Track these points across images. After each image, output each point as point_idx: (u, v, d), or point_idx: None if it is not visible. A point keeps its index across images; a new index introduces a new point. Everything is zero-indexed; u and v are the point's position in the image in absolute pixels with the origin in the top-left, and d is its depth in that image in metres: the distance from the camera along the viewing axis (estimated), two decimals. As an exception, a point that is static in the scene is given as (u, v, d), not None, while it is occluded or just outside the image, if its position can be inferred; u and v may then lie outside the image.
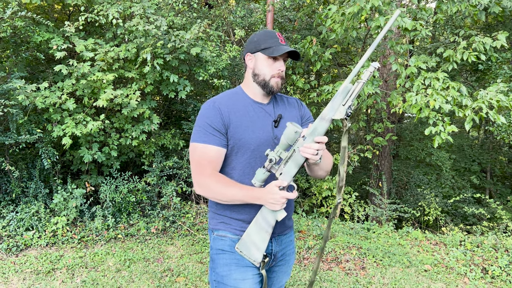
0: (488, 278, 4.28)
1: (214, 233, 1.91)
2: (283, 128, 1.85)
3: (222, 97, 1.87)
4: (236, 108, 1.82)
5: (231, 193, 1.71)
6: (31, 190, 4.93)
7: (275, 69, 1.80)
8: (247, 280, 1.84)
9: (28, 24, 4.80)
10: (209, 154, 1.76)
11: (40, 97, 4.44)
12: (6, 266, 3.92)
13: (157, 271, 4.05)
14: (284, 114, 1.91)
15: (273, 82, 1.82)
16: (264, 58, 1.80)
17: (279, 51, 1.75)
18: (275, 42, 1.78)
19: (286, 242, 1.99)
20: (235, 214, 1.85)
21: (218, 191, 1.73)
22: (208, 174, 1.75)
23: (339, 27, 5.39)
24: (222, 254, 1.87)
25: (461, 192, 8.68)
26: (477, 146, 11.23)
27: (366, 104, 6.23)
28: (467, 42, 5.59)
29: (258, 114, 1.85)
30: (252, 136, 1.79)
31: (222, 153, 1.79)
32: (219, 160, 1.79)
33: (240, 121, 1.79)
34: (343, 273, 4.26)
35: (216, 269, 1.89)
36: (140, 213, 5.47)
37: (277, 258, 1.96)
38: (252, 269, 1.86)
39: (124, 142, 5.21)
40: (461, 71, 9.46)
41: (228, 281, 1.84)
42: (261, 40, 1.81)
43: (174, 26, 5.59)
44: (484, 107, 4.93)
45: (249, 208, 1.82)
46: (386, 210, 6.60)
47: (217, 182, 1.73)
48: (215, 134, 1.76)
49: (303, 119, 2.00)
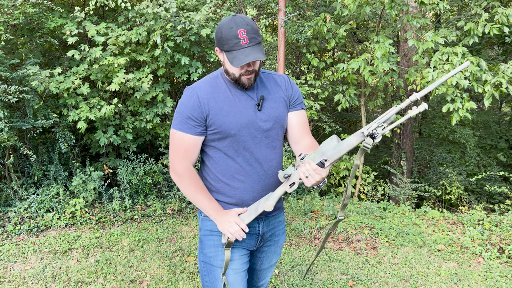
0: (504, 258, 4.18)
1: (202, 214, 1.94)
2: (267, 109, 1.83)
3: (202, 83, 1.83)
4: (216, 94, 1.79)
5: (198, 198, 1.83)
6: (52, 173, 5.11)
7: (243, 69, 1.71)
8: (234, 261, 1.87)
9: (42, 10, 4.89)
10: (186, 143, 1.79)
11: (54, 82, 4.55)
12: (26, 246, 4.10)
13: (169, 250, 4.15)
14: (268, 96, 1.86)
15: (244, 80, 1.75)
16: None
17: (239, 61, 1.63)
18: (236, 45, 1.64)
19: (274, 223, 2.00)
20: (222, 196, 1.87)
21: (188, 191, 1.84)
22: (185, 167, 1.82)
23: (352, 3, 5.24)
24: (210, 235, 1.90)
25: (486, 170, 8.43)
26: (505, 122, 10.83)
27: (383, 81, 6.08)
28: (490, 14, 5.34)
29: (239, 97, 1.81)
30: (232, 121, 1.76)
31: (199, 141, 1.82)
32: (196, 148, 1.83)
33: (220, 107, 1.77)
34: (353, 252, 4.25)
35: (203, 250, 1.92)
36: (157, 194, 5.59)
37: (265, 239, 1.98)
38: (238, 250, 1.88)
39: (139, 125, 5.29)
40: (488, 45, 9.07)
41: (216, 262, 1.88)
42: (223, 39, 1.67)
43: (185, 8, 5.58)
44: (504, 82, 4.73)
45: (234, 191, 1.84)
46: (406, 189, 6.50)
47: (190, 183, 1.83)
48: (192, 124, 1.76)
49: (291, 101, 1.93)
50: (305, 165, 1.56)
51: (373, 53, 5.43)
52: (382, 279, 3.74)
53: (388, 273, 3.85)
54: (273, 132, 1.86)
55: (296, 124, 1.92)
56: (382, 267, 3.96)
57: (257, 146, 1.82)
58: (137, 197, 5.40)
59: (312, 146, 1.87)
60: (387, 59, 5.48)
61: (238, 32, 1.63)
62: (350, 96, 6.17)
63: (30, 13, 4.66)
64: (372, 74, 5.62)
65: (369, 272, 3.85)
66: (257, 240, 1.94)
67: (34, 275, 3.60)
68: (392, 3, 4.99)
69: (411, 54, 7.18)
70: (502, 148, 9.69)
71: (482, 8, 5.78)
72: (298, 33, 6.19)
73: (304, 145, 1.89)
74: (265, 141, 1.84)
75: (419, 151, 8.78)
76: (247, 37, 1.64)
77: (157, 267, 3.82)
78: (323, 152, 1.56)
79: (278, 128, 1.88)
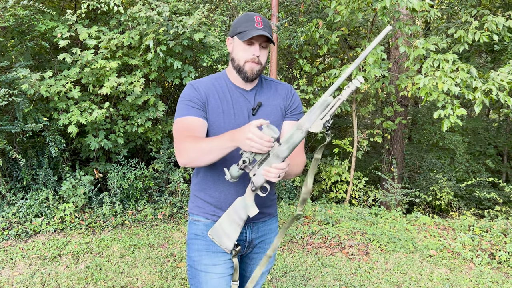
0: (495, 264, 4.21)
1: (190, 217, 1.93)
2: (261, 116, 1.82)
3: (204, 80, 1.86)
4: (215, 91, 1.81)
5: (206, 144, 1.61)
6: (41, 177, 5.03)
7: (250, 54, 1.74)
8: (218, 266, 1.84)
9: (32, 13, 4.84)
10: (188, 123, 1.74)
11: (44, 85, 4.50)
12: (14, 252, 4.03)
13: (160, 256, 4.11)
14: (266, 102, 1.86)
15: (248, 67, 1.76)
16: (240, 42, 1.75)
17: (249, 35, 1.69)
18: (250, 26, 1.71)
19: (264, 230, 1.95)
20: (208, 197, 1.85)
21: (193, 147, 1.64)
22: (184, 136, 1.69)
23: (345, 9, 5.28)
24: (195, 239, 1.88)
25: (475, 176, 8.51)
26: (494, 129, 10.96)
27: (375, 88, 6.11)
28: (480, 22, 5.41)
29: (236, 99, 1.82)
30: (225, 121, 1.77)
31: (202, 123, 1.75)
32: (199, 129, 1.73)
33: (216, 104, 1.79)
34: (346, 258, 4.24)
35: (189, 254, 1.91)
36: (147, 199, 5.54)
37: (253, 245, 1.94)
38: (223, 255, 1.85)
39: (130, 129, 5.25)
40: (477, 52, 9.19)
41: (199, 266, 1.86)
42: (238, 23, 1.76)
43: (178, 12, 5.56)
44: (494, 89, 4.78)
45: (219, 193, 1.82)
46: (397, 195, 6.53)
47: (192, 141, 1.66)
48: (194, 107, 1.75)
49: (287, 110, 1.92)
50: (272, 170, 1.54)
51: (365, 59, 5.46)
52: (375, 285, 3.73)
53: (380, 279, 3.85)
54: None
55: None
56: (375, 273, 3.95)
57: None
58: (127, 202, 5.34)
59: (297, 152, 1.81)
60: (379, 65, 5.52)
61: (255, 17, 1.73)
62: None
63: (21, 16, 4.62)
64: (364, 80, 5.65)
65: (362, 278, 3.84)
66: (244, 246, 1.92)
67: (22, 281, 3.53)
68: (384, 10, 5.03)
69: (402, 61, 7.24)
70: (491, 154, 9.80)
71: (472, 16, 5.86)
72: (291, 39, 6.21)
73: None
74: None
75: (410, 157, 8.84)
76: (262, 23, 1.73)
77: (148, 273, 3.77)
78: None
79: None
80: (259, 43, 1.74)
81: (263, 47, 1.77)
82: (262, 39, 1.73)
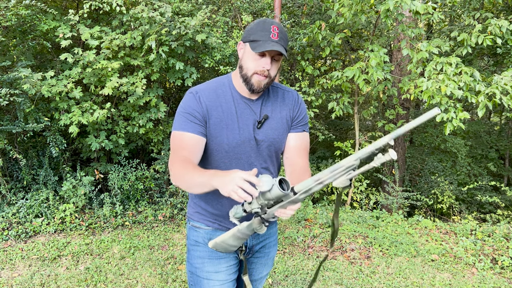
0: (497, 269, 4.19)
1: (190, 223, 1.89)
2: (266, 130, 1.75)
3: (206, 88, 1.74)
4: (219, 103, 1.71)
5: (193, 179, 1.50)
6: (41, 177, 5.01)
7: (260, 66, 1.63)
8: (220, 273, 1.82)
9: (34, 12, 4.82)
10: (185, 142, 1.65)
11: (46, 85, 4.48)
12: (14, 253, 4.00)
13: (161, 258, 4.08)
14: (272, 114, 1.78)
15: (255, 80, 1.65)
16: (251, 51, 1.63)
17: (262, 47, 1.58)
18: (265, 36, 1.59)
19: (264, 235, 1.92)
20: (209, 207, 1.80)
21: (183, 177, 1.54)
22: (178, 158, 1.61)
23: (348, 11, 5.26)
24: (196, 245, 1.85)
25: (477, 180, 8.49)
26: (495, 133, 10.93)
27: (377, 90, 6.09)
28: (483, 25, 5.39)
29: (242, 111, 1.72)
30: (228, 136, 1.69)
31: (200, 141, 1.67)
32: (196, 148, 1.66)
33: (220, 118, 1.69)
34: (347, 262, 4.21)
35: (190, 260, 1.88)
36: (148, 200, 5.51)
37: (253, 251, 1.92)
38: (226, 261, 1.83)
39: (131, 130, 5.23)
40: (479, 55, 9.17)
41: (201, 273, 1.83)
42: (253, 30, 1.64)
43: (181, 13, 5.55)
44: (497, 92, 4.76)
45: (221, 205, 1.77)
46: (398, 198, 6.50)
47: (183, 169, 1.55)
48: (194, 121, 1.66)
49: (294, 121, 1.84)
50: (287, 212, 1.45)
51: (367, 62, 5.44)
52: (377, 289, 3.71)
53: (382, 283, 3.82)
54: (265, 152, 1.78)
55: (293, 146, 1.84)
56: (377, 277, 3.93)
57: (248, 163, 1.74)
58: (128, 203, 5.32)
59: (303, 169, 1.76)
60: (382, 68, 5.49)
61: (272, 27, 1.61)
62: (344, 104, 6.17)
63: (23, 15, 4.60)
64: (367, 83, 5.63)
65: (364, 282, 3.82)
66: (244, 252, 1.89)
67: (21, 282, 3.51)
68: (388, 13, 5.00)
69: (404, 64, 7.22)
70: (493, 158, 9.78)
71: (476, 19, 5.84)
72: (293, 41, 6.19)
73: (296, 167, 1.79)
74: (259, 160, 1.77)
75: (411, 160, 8.82)
76: (278, 34, 1.61)
77: (148, 276, 3.75)
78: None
79: (272, 150, 1.80)
80: (271, 55, 1.64)
81: (275, 60, 1.66)
82: (275, 52, 1.62)
